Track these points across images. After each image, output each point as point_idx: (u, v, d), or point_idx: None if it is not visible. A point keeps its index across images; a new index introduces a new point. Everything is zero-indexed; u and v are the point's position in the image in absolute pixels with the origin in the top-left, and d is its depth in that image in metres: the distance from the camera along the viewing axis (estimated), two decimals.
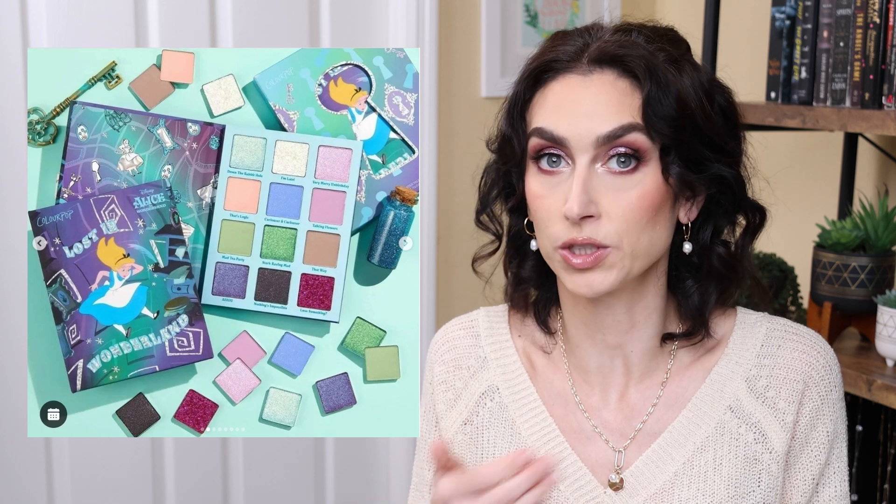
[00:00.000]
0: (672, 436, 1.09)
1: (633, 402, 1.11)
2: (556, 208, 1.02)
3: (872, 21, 1.60)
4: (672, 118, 1.01)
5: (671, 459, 1.08)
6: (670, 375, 1.11)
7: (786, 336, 1.11)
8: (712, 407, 1.09)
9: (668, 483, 1.07)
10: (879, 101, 1.60)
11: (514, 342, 1.17)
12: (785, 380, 1.09)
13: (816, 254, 1.75)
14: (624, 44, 1.02)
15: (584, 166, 1.01)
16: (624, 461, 1.09)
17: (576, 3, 2.44)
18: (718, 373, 1.10)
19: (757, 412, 1.08)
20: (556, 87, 1.04)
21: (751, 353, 1.10)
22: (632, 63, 1.01)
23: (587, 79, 1.02)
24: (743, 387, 1.09)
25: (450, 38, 2.30)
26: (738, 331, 1.12)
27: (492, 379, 1.15)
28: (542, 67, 1.04)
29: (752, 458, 1.07)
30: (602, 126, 1.00)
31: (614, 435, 1.10)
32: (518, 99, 1.06)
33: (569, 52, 1.04)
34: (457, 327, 1.21)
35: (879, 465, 1.73)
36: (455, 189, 2.34)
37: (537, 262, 1.13)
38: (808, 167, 2.13)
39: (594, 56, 1.02)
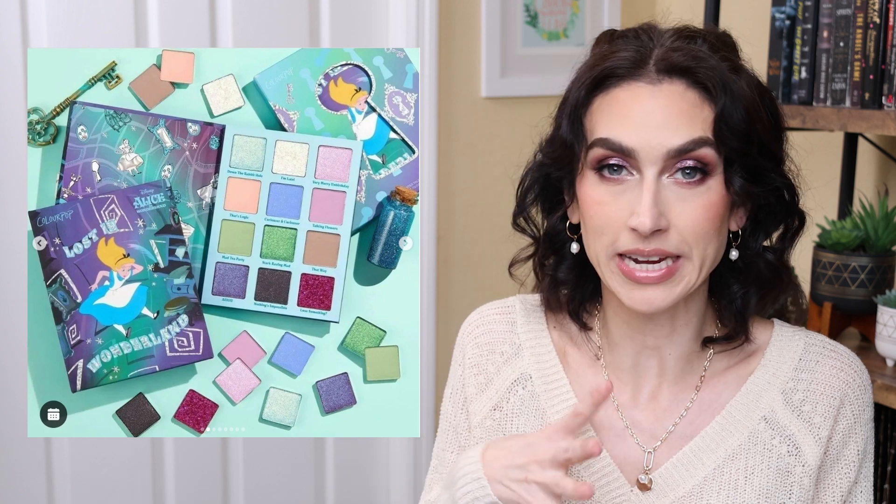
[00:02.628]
0: (704, 441, 1.08)
1: (665, 403, 1.11)
2: (618, 217, 1.01)
3: (872, 21, 1.60)
4: (742, 132, 1.01)
5: (701, 464, 1.07)
6: (705, 380, 1.11)
7: (824, 352, 1.11)
8: (746, 416, 1.09)
9: (697, 487, 1.07)
10: (879, 101, 1.60)
11: (549, 332, 1.16)
12: (822, 395, 1.09)
13: (816, 254, 1.75)
14: (692, 53, 1.01)
15: (653, 179, 0.99)
16: (653, 462, 1.09)
17: (576, 3, 2.44)
18: (754, 382, 1.10)
19: (792, 425, 1.08)
20: (620, 94, 1.01)
21: (788, 365, 1.10)
22: (703, 76, 1.00)
23: (656, 88, 1.00)
24: (779, 398, 1.09)
25: (450, 38, 2.30)
26: (776, 342, 1.12)
27: (525, 367, 1.15)
28: (605, 72, 1.01)
29: (784, 470, 1.07)
30: (673, 139, 0.99)
31: (644, 435, 1.10)
32: (578, 104, 1.03)
33: (631, 58, 1.01)
34: (493, 311, 1.19)
35: (879, 466, 1.73)
36: (455, 189, 2.34)
37: (575, 265, 1.12)
38: (808, 167, 2.12)
39: (663, 65, 1.01)
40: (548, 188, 1.10)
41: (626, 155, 1.00)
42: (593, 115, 1.03)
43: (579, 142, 1.03)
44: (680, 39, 1.03)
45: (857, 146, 1.93)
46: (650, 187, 0.99)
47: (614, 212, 1.01)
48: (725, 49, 1.05)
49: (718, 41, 1.05)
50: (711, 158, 1.01)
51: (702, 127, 1.00)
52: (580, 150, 1.03)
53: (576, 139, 1.03)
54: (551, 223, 1.12)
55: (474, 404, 1.16)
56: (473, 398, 1.17)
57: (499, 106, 2.35)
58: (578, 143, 1.03)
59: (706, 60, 1.01)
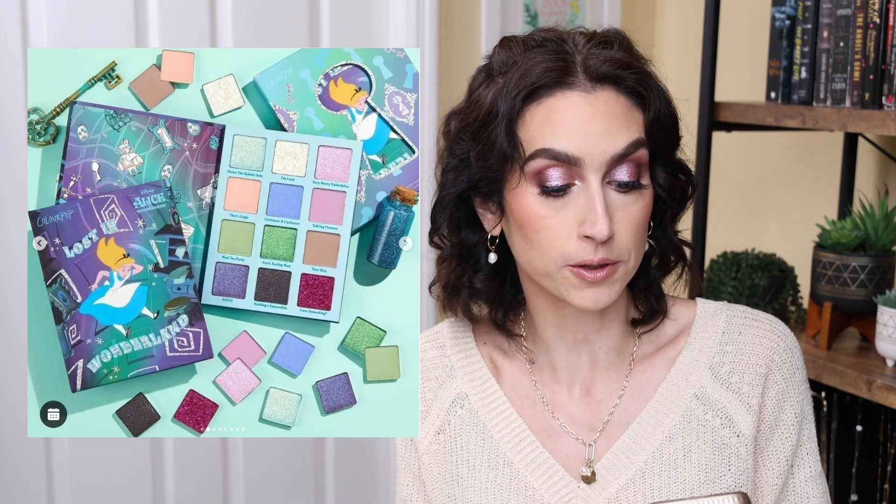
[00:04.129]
0: (640, 426, 1.11)
1: (599, 395, 1.13)
2: (566, 228, 1.02)
3: (872, 21, 1.60)
4: (672, 129, 1.06)
5: (640, 449, 1.10)
6: (633, 365, 1.14)
7: (746, 322, 1.14)
8: (678, 396, 1.11)
9: (639, 472, 1.09)
10: (879, 101, 1.60)
11: (479, 349, 1.19)
12: (748, 364, 1.11)
13: (816, 254, 1.75)
14: (617, 61, 1.03)
15: (598, 185, 1.01)
16: (595, 454, 1.11)
17: (576, 3, 2.44)
18: (682, 362, 1.12)
19: (722, 398, 1.10)
20: (556, 103, 1.02)
21: (713, 340, 1.13)
22: (633, 81, 1.03)
23: (591, 96, 1.02)
24: (707, 374, 1.11)
25: (450, 38, 2.30)
26: (700, 320, 1.14)
27: (460, 387, 1.17)
28: (538, 83, 1.02)
29: (720, 443, 1.09)
30: (614, 145, 1.01)
31: (583, 429, 1.12)
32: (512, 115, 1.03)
33: (559, 67, 1.02)
34: (423, 340, 1.22)
35: (879, 465, 1.73)
36: None
37: (492, 274, 1.14)
38: (808, 167, 2.13)
39: (594, 73, 1.02)
40: (458, 204, 1.11)
41: (570, 163, 1.01)
42: (528, 125, 1.03)
43: (517, 154, 1.03)
44: (596, 46, 1.04)
45: (857, 146, 1.93)
46: (599, 193, 1.01)
47: (559, 223, 1.02)
48: (631, 50, 1.07)
49: (625, 42, 1.07)
50: (645, 159, 1.04)
51: (637, 129, 1.03)
52: (518, 162, 1.03)
53: (513, 151, 1.03)
54: (463, 237, 1.13)
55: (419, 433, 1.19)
56: None
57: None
58: (516, 155, 1.03)
59: (630, 66, 1.03)
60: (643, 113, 1.04)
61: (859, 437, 1.72)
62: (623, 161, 1.02)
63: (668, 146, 1.06)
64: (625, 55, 1.04)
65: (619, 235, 1.02)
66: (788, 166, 2.15)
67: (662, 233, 1.11)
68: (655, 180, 1.06)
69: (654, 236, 1.11)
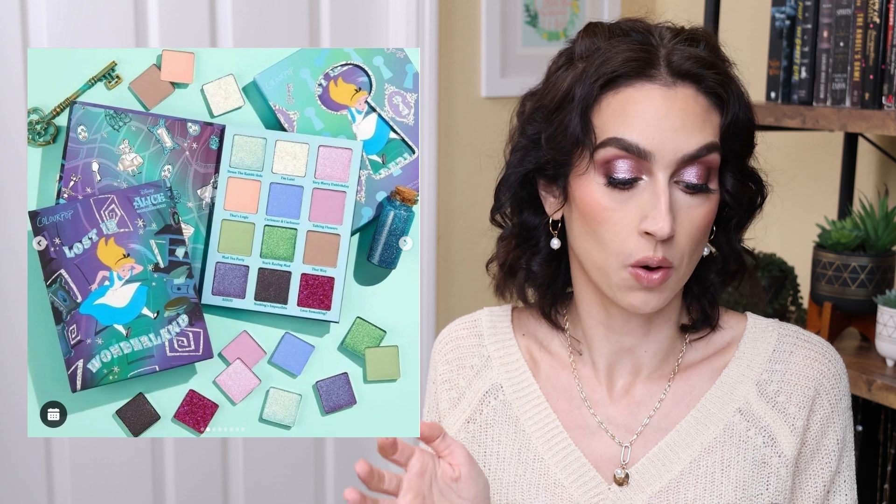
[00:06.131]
0: (679, 434, 1.09)
1: (639, 397, 1.11)
2: (628, 223, 1.00)
3: (872, 21, 1.60)
4: (748, 136, 1.03)
5: (678, 458, 1.08)
6: (678, 371, 1.11)
7: (797, 343, 1.11)
8: (721, 408, 1.09)
9: (674, 481, 1.07)
10: (879, 101, 1.60)
11: (517, 340, 1.17)
12: (796, 385, 1.09)
13: (816, 254, 1.75)
14: (702, 59, 1.01)
15: (666, 183, 0.99)
16: (630, 457, 1.09)
17: (576, 3, 2.44)
18: (728, 374, 1.10)
19: (767, 416, 1.08)
20: (634, 94, 1.00)
21: (762, 357, 1.11)
22: (715, 82, 1.01)
23: (671, 91, 1.00)
24: (753, 390, 1.09)
25: (450, 38, 2.30)
26: (750, 334, 1.12)
27: (495, 377, 1.16)
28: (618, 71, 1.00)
29: (760, 461, 1.07)
30: (687, 144, 0.99)
31: (620, 430, 1.10)
32: (588, 101, 1.01)
33: (641, 58, 1.00)
34: (460, 327, 1.21)
35: (879, 465, 1.73)
36: (455, 189, 2.34)
37: (549, 259, 1.12)
38: (808, 167, 2.13)
39: (676, 69, 1.00)
40: (523, 185, 1.10)
41: (639, 157, 0.99)
42: (602, 113, 1.01)
43: (588, 140, 1.01)
44: (682, 42, 1.02)
45: (857, 146, 1.93)
46: (665, 191, 0.99)
47: (623, 218, 1.00)
48: (717, 51, 1.05)
49: (712, 42, 1.05)
50: (716, 163, 1.01)
51: (712, 132, 1.00)
52: (588, 148, 1.01)
53: (585, 137, 1.01)
54: (525, 217, 1.12)
55: (448, 419, 1.18)
56: (447, 413, 1.19)
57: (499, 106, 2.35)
58: (587, 141, 1.02)
59: (714, 66, 1.01)
60: (720, 115, 1.01)
61: (859, 437, 1.72)
62: (693, 162, 0.99)
63: (742, 153, 1.04)
64: (709, 55, 1.02)
65: (679, 238, 1.00)
66: (788, 166, 2.15)
67: (726, 240, 1.09)
68: (724, 186, 1.03)
69: (717, 242, 1.08)
